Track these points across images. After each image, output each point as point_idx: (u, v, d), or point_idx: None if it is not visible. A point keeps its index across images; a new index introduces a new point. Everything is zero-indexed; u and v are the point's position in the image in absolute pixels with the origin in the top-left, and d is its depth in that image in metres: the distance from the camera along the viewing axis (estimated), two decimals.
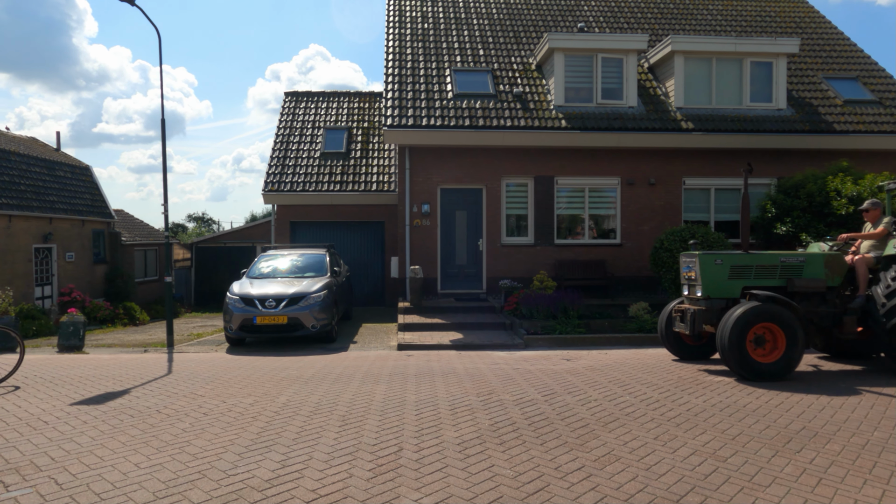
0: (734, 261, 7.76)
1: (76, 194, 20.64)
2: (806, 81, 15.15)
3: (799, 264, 7.77)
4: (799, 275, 7.75)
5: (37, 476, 4.15)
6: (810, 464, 4.36)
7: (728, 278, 7.73)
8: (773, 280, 7.75)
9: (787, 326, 7.04)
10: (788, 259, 7.79)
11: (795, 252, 8.04)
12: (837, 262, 7.80)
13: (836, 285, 7.77)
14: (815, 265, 7.76)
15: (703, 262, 7.77)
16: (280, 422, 5.38)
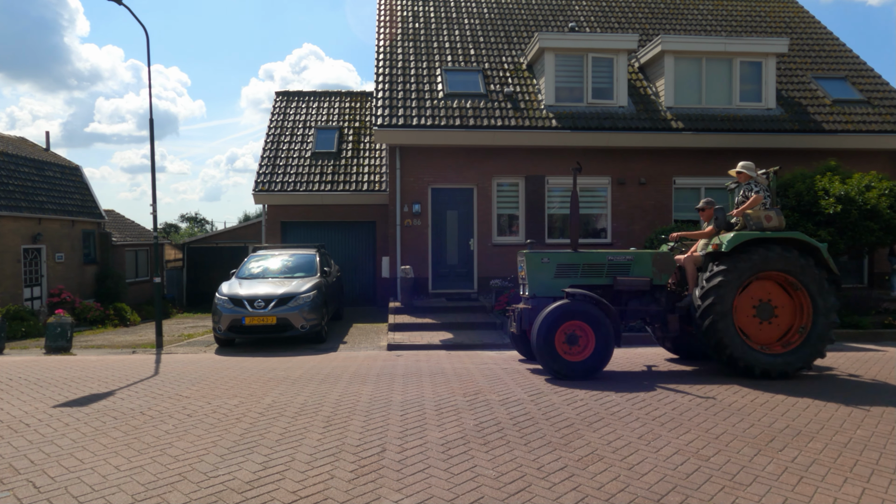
0: (561, 259, 7.81)
1: (66, 194, 20.51)
2: (795, 81, 15.22)
3: (626, 263, 7.82)
4: (626, 273, 7.79)
5: (15, 479, 4.11)
6: (792, 462, 4.37)
7: (554, 277, 7.76)
8: (600, 279, 7.80)
9: (597, 325, 7.09)
10: (616, 258, 7.85)
11: (623, 251, 8.10)
12: (665, 260, 7.85)
13: (664, 283, 7.82)
14: (643, 264, 7.82)
15: (529, 260, 7.82)
16: (264, 423, 5.35)
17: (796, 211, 11.58)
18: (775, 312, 7.35)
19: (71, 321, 10.67)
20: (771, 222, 7.40)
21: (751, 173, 7.73)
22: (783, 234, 7.34)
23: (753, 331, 7.37)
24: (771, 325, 7.36)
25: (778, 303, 7.38)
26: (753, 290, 7.37)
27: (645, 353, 9.12)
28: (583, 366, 7.06)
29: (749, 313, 7.35)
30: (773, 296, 7.38)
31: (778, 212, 7.49)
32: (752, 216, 7.46)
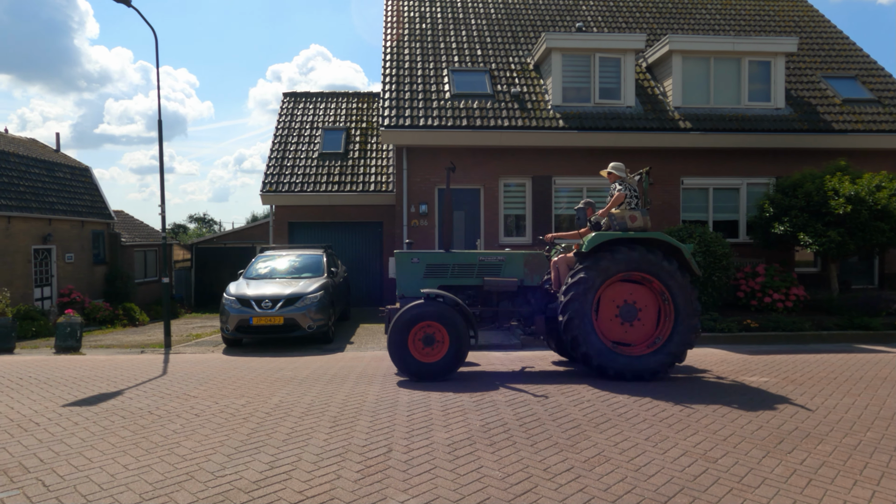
0: (431, 259, 7.77)
1: (76, 195, 20.68)
2: (804, 81, 15.11)
3: (498, 263, 7.77)
4: (498, 273, 7.74)
5: (24, 478, 4.14)
6: (801, 465, 4.34)
7: (424, 277, 7.73)
8: (471, 279, 7.75)
9: (451, 326, 7.04)
10: (487, 258, 7.80)
11: (496, 251, 8.02)
12: (537, 261, 7.81)
13: (536, 284, 7.77)
14: (515, 264, 7.77)
15: (399, 260, 7.79)
16: (271, 423, 5.37)
17: (805, 211, 11.51)
18: (639, 315, 7.27)
19: (81, 321, 10.75)
20: (636, 222, 7.38)
21: (620, 173, 7.72)
22: (645, 234, 7.30)
23: (617, 332, 7.30)
24: (634, 326, 7.28)
25: (642, 304, 7.30)
26: (617, 291, 7.30)
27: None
28: (436, 367, 7.04)
29: (612, 314, 7.30)
30: (636, 297, 7.31)
31: (644, 212, 7.48)
32: (617, 216, 7.44)
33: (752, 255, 13.61)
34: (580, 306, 7.00)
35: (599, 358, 7.01)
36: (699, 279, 7.38)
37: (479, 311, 7.77)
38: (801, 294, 11.64)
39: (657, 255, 7.09)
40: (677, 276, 7.10)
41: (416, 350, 7.08)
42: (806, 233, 11.32)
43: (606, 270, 7.06)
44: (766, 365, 8.02)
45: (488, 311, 7.78)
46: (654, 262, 7.06)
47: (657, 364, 7.06)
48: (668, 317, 7.19)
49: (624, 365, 7.01)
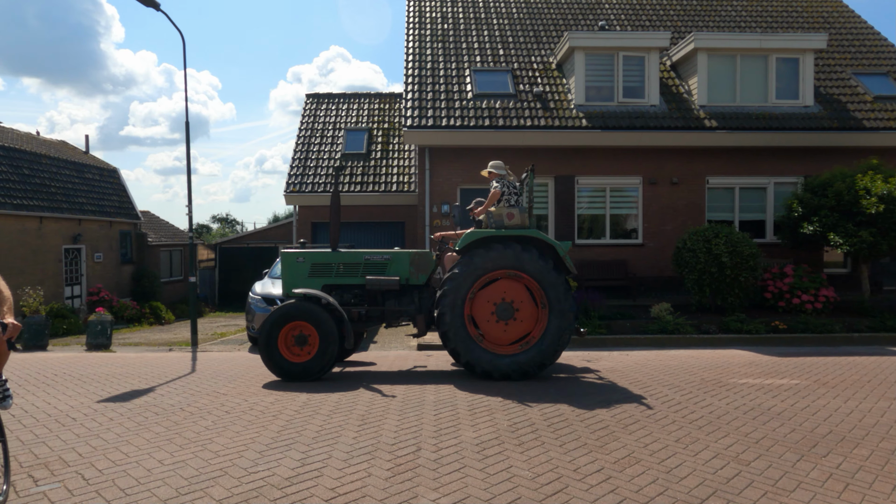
0: (316, 259, 7.72)
1: (104, 196, 21.12)
2: (834, 77, 14.81)
3: (384, 262, 7.71)
4: (382, 273, 7.67)
5: (65, 471, 4.25)
6: (837, 469, 4.26)
7: (309, 276, 7.66)
8: (356, 278, 7.69)
9: (320, 326, 6.99)
10: (373, 257, 7.72)
11: (381, 251, 7.92)
12: (423, 260, 7.71)
13: (422, 283, 7.68)
14: (400, 263, 7.71)
15: (284, 260, 7.75)
16: (300, 420, 5.43)
17: (835, 211, 11.29)
18: (515, 315, 7.19)
19: (111, 319, 10.98)
20: (513, 220, 7.33)
21: (499, 171, 7.67)
22: (519, 231, 7.22)
23: (494, 331, 7.22)
24: (510, 324, 7.21)
25: (519, 303, 7.21)
26: (493, 290, 7.23)
27: (669, 355, 8.97)
28: (305, 367, 7.05)
29: (489, 312, 7.21)
30: (513, 295, 7.22)
31: (521, 209, 7.41)
32: (495, 214, 7.38)
33: (780, 256, 13.38)
34: (451, 301, 7.03)
35: (468, 355, 7.04)
36: (574, 277, 7.31)
37: (366, 311, 7.75)
38: (830, 295, 11.41)
39: (532, 253, 7.07)
40: (550, 274, 7.07)
41: (287, 350, 7.14)
42: (836, 233, 11.10)
43: (479, 268, 7.07)
44: (795, 367, 7.89)
45: (375, 311, 7.77)
46: (527, 260, 7.05)
47: (526, 363, 7.05)
48: (542, 315, 7.17)
49: (491, 362, 7.02)
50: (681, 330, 10.17)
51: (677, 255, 11.60)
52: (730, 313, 11.08)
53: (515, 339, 7.24)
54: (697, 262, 11.04)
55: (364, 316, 7.72)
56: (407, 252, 7.81)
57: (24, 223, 16.81)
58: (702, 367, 7.87)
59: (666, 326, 10.27)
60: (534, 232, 7.28)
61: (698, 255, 11.02)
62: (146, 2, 10.63)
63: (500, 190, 7.46)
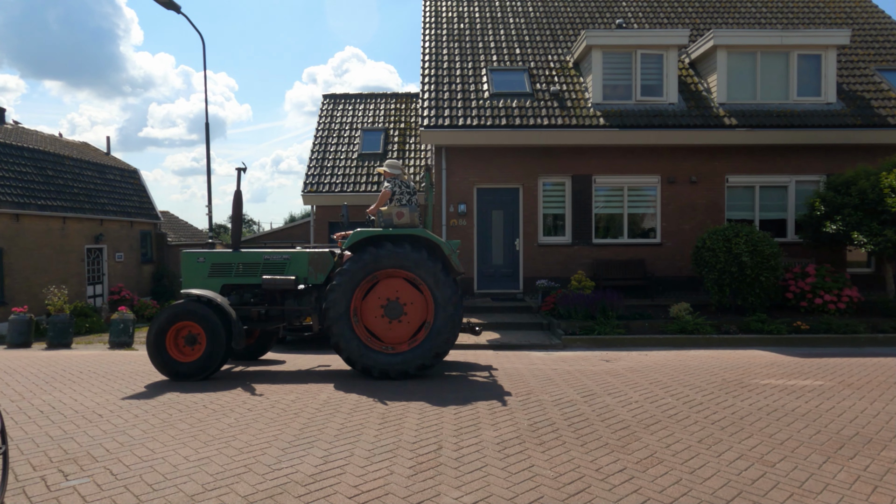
0: (216, 259, 7.76)
1: (125, 196, 21.44)
2: (857, 74, 14.57)
3: (283, 262, 7.73)
4: (282, 272, 7.70)
5: (93, 466, 4.33)
6: (865, 471, 4.20)
7: (208, 276, 7.71)
8: (254, 278, 7.72)
9: (208, 326, 7.00)
10: (272, 257, 7.73)
11: (281, 250, 7.89)
12: (323, 259, 7.72)
13: (321, 283, 7.68)
14: (299, 263, 7.73)
15: (185, 259, 7.77)
16: (321, 418, 5.48)
17: (859, 209, 11.11)
18: (405, 310, 7.21)
19: (133, 318, 11.15)
20: (402, 219, 7.34)
21: (393, 171, 7.76)
22: (405, 230, 7.22)
23: (384, 330, 7.24)
24: (401, 323, 7.22)
25: (408, 301, 7.22)
26: (382, 288, 7.24)
27: (689, 355, 8.89)
28: (193, 366, 7.08)
29: (378, 312, 7.23)
30: (402, 294, 7.22)
31: (412, 208, 7.43)
32: (385, 213, 7.39)
33: (801, 255, 13.21)
34: (337, 299, 7.07)
35: (349, 351, 7.10)
36: (459, 275, 7.32)
37: (266, 310, 7.80)
38: (854, 295, 11.22)
39: (421, 253, 7.08)
40: (436, 273, 7.07)
41: (176, 350, 7.20)
42: (860, 232, 10.92)
43: (366, 267, 7.10)
44: (819, 368, 7.78)
45: (275, 310, 7.82)
46: (412, 259, 7.06)
47: (419, 359, 7.06)
48: (430, 314, 7.18)
49: (385, 363, 7.05)
50: (700, 330, 10.08)
51: (696, 254, 11.49)
52: (750, 313, 10.95)
53: (405, 338, 7.30)
54: (717, 262, 10.93)
55: (264, 315, 7.83)
56: (306, 252, 7.91)
57: (48, 223, 17.13)
58: (723, 368, 7.80)
59: (685, 326, 10.18)
60: (420, 231, 7.31)
61: (718, 254, 10.91)
62: (167, 4, 10.78)
63: (391, 189, 7.64)
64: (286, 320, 7.90)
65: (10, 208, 15.68)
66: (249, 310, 7.69)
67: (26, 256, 16.28)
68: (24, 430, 5.20)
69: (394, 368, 7.06)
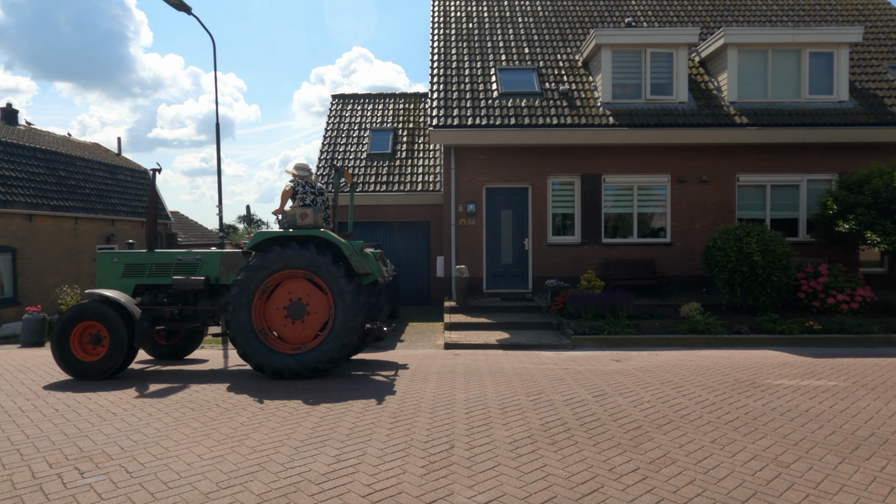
0: (129, 259, 7.83)
1: (136, 197, 21.59)
2: (870, 72, 14.43)
3: (195, 262, 7.80)
4: (194, 272, 7.75)
5: (108, 464, 4.37)
6: (881, 472, 4.16)
7: (122, 276, 7.80)
8: (167, 278, 7.79)
9: (110, 326, 7.08)
10: (185, 257, 7.79)
11: (194, 251, 7.91)
12: (235, 259, 7.73)
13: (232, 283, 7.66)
14: (212, 263, 7.80)
15: (99, 260, 7.85)
16: (333, 417, 5.50)
17: (873, 208, 11.01)
18: (307, 310, 7.26)
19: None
20: (306, 220, 7.37)
21: (299, 172, 7.84)
22: (305, 231, 7.25)
23: (287, 331, 7.28)
24: (305, 323, 7.26)
25: (311, 302, 7.26)
26: (285, 289, 7.28)
27: (700, 355, 8.83)
28: (95, 365, 7.15)
29: (281, 314, 7.27)
30: (304, 294, 7.27)
31: (316, 209, 7.44)
32: (288, 213, 7.43)
33: (814, 255, 13.10)
34: (237, 300, 7.11)
35: (245, 347, 7.12)
36: (359, 275, 7.39)
37: (179, 310, 7.84)
38: (867, 295, 11.12)
39: (325, 255, 7.12)
40: (335, 274, 7.09)
41: (81, 349, 7.27)
42: (874, 231, 10.82)
43: (265, 268, 7.14)
44: (832, 368, 7.72)
45: (189, 310, 7.87)
46: (310, 259, 7.08)
47: (317, 360, 7.08)
48: (331, 315, 7.21)
49: (284, 364, 7.06)
50: (711, 330, 10.02)
51: (707, 254, 11.42)
52: (762, 313, 10.88)
53: (310, 338, 7.35)
54: (728, 262, 10.86)
55: (178, 315, 7.89)
56: (219, 252, 7.97)
57: (61, 223, 17.28)
58: (735, 368, 7.75)
59: (696, 326, 10.12)
60: (320, 232, 7.33)
61: (729, 254, 10.84)
62: (178, 6, 10.85)
63: (293, 189, 7.75)
64: (200, 321, 7.98)
65: (23, 209, 15.85)
66: (163, 310, 7.78)
67: (39, 256, 16.44)
68: (40, 428, 5.26)
69: (306, 367, 7.11)
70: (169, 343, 8.85)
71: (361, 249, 7.49)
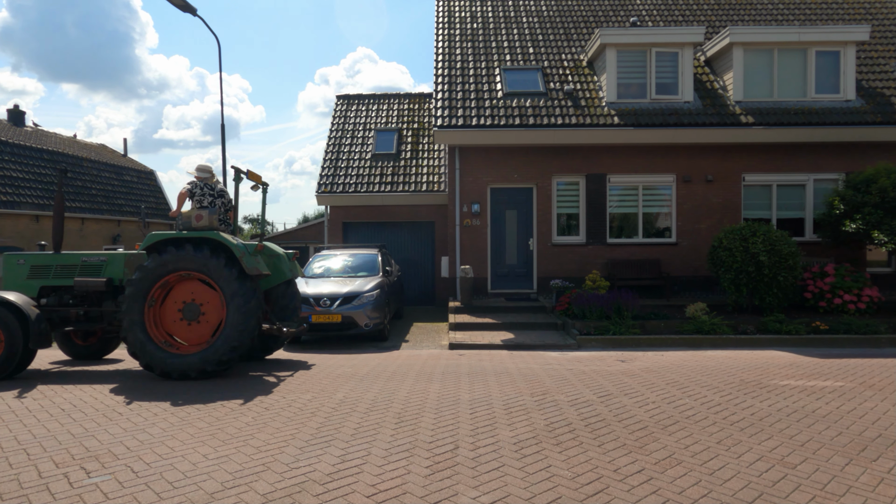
0: (35, 260, 7.83)
1: (142, 197, 21.69)
2: (877, 70, 14.35)
3: (100, 264, 7.81)
4: (98, 274, 7.76)
5: (114, 464, 4.39)
6: (888, 473, 4.13)
7: (27, 278, 7.80)
8: (72, 280, 7.79)
9: (5, 328, 7.10)
10: (90, 259, 7.80)
11: (100, 252, 7.91)
12: (139, 261, 7.74)
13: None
14: (116, 265, 7.81)
15: (6, 262, 7.84)
16: (338, 418, 5.50)
17: (880, 208, 10.94)
18: (202, 310, 7.31)
19: None
20: (201, 221, 7.42)
21: (201, 174, 7.94)
22: (197, 233, 7.29)
23: (184, 332, 7.34)
24: (200, 324, 7.32)
25: (204, 302, 7.32)
26: (180, 291, 7.34)
27: (706, 355, 8.80)
28: None
29: (176, 316, 7.32)
30: (198, 295, 7.33)
31: (211, 211, 7.50)
32: (184, 215, 7.47)
33: (820, 255, 13.04)
34: (130, 300, 7.15)
35: (135, 345, 7.15)
36: (249, 275, 7.38)
37: (84, 312, 7.87)
38: (874, 295, 11.05)
39: (219, 257, 7.14)
40: (227, 275, 7.12)
41: None
42: (881, 230, 10.76)
43: (157, 269, 7.18)
44: (839, 369, 7.67)
45: (94, 311, 7.89)
46: (204, 261, 7.12)
47: (208, 360, 7.09)
48: (224, 314, 7.24)
49: (168, 363, 7.09)
50: (717, 330, 9.99)
51: (713, 253, 11.38)
52: (768, 313, 10.83)
53: (205, 338, 7.40)
54: (734, 262, 10.82)
55: (83, 317, 7.93)
56: (123, 253, 8.00)
57: (67, 224, 17.37)
58: (740, 368, 7.72)
59: (702, 327, 10.09)
60: (212, 233, 7.35)
61: (735, 253, 10.80)
62: (184, 7, 10.88)
63: (189, 191, 7.83)
64: (105, 322, 7.99)
65: (30, 209, 15.94)
66: (69, 311, 7.80)
67: None
68: (47, 428, 5.28)
69: (193, 368, 7.13)
70: (86, 343, 8.90)
71: (255, 251, 7.53)
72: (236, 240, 7.53)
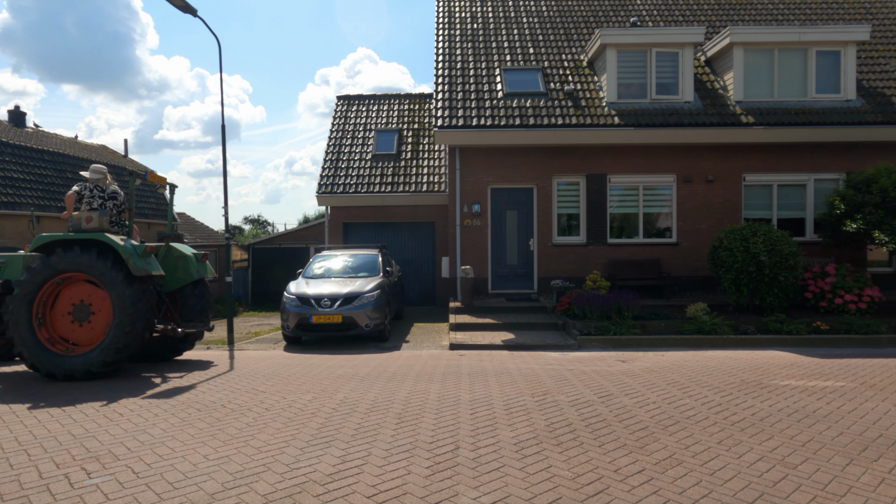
0: None
1: (142, 198, 21.68)
2: (878, 70, 14.34)
3: (0, 265, 7.83)
4: (1, 276, 7.79)
5: (115, 465, 4.39)
6: (889, 473, 4.13)
7: None
8: None
9: None
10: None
11: (3, 254, 7.96)
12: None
13: None
14: (14, 266, 7.82)
15: None
16: (338, 418, 5.50)
17: (881, 208, 10.94)
18: (92, 310, 7.35)
19: None
20: (91, 223, 7.44)
21: (93, 175, 7.98)
22: (83, 235, 7.31)
23: (76, 333, 7.38)
24: (91, 324, 7.37)
25: (94, 302, 7.36)
26: (71, 292, 7.38)
27: (706, 355, 8.79)
28: None
29: (68, 316, 7.36)
30: (89, 297, 7.37)
31: (102, 212, 7.54)
32: (75, 217, 7.49)
33: (821, 254, 13.03)
34: (17, 301, 7.17)
35: (21, 346, 7.18)
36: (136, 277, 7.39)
37: None
38: (875, 295, 11.04)
39: (105, 259, 7.17)
40: (114, 277, 7.15)
41: None
42: (881, 230, 10.75)
43: (44, 271, 7.20)
44: (840, 369, 7.67)
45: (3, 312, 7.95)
46: (91, 263, 7.15)
47: (94, 361, 7.11)
48: (113, 312, 7.26)
49: (55, 364, 7.11)
50: (718, 330, 9.98)
51: (713, 254, 11.38)
52: (768, 314, 10.82)
53: (97, 339, 7.42)
54: (735, 262, 10.81)
55: None
56: (21, 255, 8.03)
57: None
58: (741, 369, 7.71)
59: (702, 327, 10.08)
60: (99, 235, 7.37)
61: (735, 254, 10.79)
62: (184, 8, 10.89)
63: (78, 193, 7.85)
64: (4, 323, 7.97)
65: (31, 210, 15.91)
66: None
67: None
68: (47, 429, 5.29)
69: (77, 369, 7.15)
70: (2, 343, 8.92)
71: (144, 251, 7.53)
72: (125, 241, 7.52)
